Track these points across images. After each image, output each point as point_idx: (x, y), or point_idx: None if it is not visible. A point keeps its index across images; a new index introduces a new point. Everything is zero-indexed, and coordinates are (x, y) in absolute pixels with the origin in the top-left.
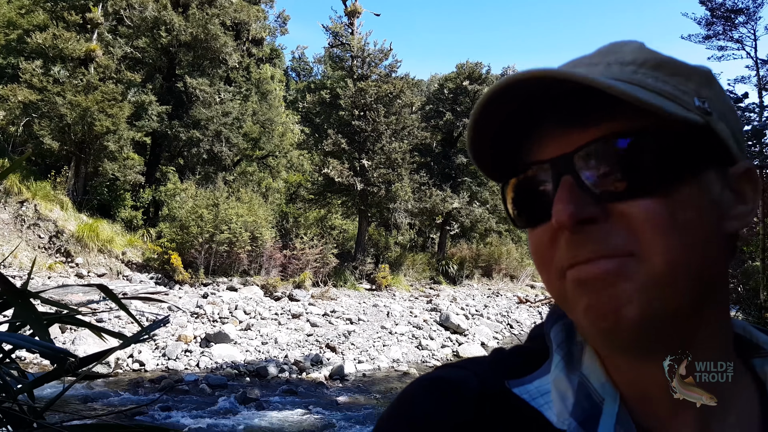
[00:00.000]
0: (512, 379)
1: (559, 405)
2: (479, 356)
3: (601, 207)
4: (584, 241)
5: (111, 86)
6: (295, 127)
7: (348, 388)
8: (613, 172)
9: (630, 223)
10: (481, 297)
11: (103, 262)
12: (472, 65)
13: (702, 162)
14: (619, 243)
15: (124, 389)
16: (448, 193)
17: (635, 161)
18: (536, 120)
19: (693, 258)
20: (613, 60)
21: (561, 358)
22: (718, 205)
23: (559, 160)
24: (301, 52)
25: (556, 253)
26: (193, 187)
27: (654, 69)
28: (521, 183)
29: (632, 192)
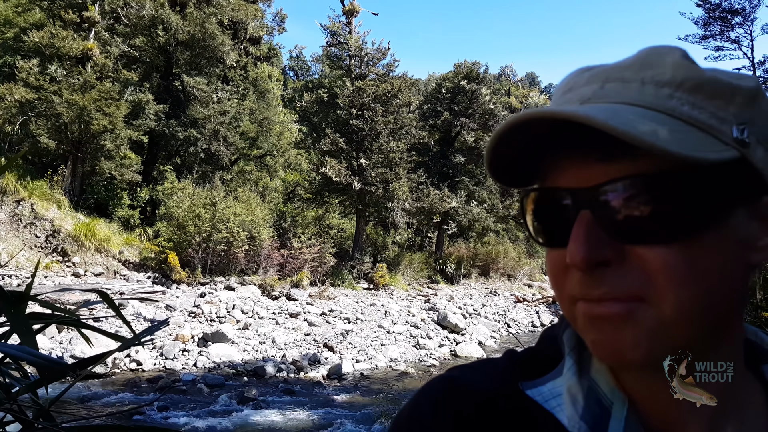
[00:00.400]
0: (526, 381)
1: (570, 408)
2: (492, 358)
3: (616, 248)
4: (597, 281)
5: (108, 85)
6: (292, 126)
7: (346, 388)
8: (633, 213)
9: (644, 269)
10: (478, 296)
11: (100, 262)
12: (470, 65)
13: (732, 202)
14: (632, 287)
15: (122, 389)
16: (445, 193)
17: (657, 205)
18: (557, 142)
19: (708, 303)
20: (649, 78)
21: (573, 362)
22: (744, 241)
23: (579, 193)
24: (298, 51)
25: (568, 279)
26: (191, 186)
27: (692, 92)
28: (541, 201)
29: (651, 237)
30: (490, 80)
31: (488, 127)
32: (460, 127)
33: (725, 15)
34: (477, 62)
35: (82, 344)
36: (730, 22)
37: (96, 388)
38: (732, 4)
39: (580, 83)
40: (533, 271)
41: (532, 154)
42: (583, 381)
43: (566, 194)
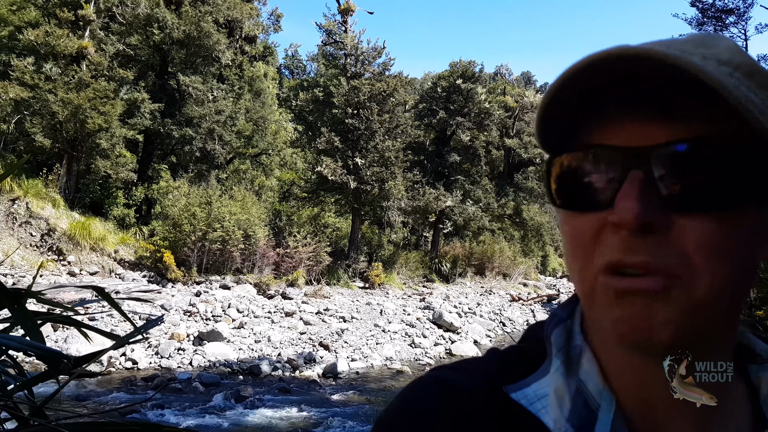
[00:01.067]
0: (510, 384)
1: (556, 410)
2: (475, 357)
3: (664, 214)
4: (638, 247)
5: (103, 83)
6: (288, 125)
7: (341, 386)
8: (689, 178)
9: (685, 242)
10: (474, 295)
11: (95, 260)
12: (466, 64)
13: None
14: (670, 260)
15: (117, 388)
16: (441, 192)
17: (715, 172)
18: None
19: (735, 285)
20: (709, 54)
21: (561, 363)
22: (764, 233)
23: (633, 152)
24: (294, 50)
25: (598, 247)
26: (186, 185)
27: (747, 76)
28: (576, 162)
29: (702, 205)
30: (485, 79)
31: (484, 126)
32: (455, 126)
33: (719, 15)
34: (472, 61)
35: (78, 343)
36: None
37: (91, 386)
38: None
39: None
40: (528, 270)
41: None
42: (570, 382)
43: (616, 153)
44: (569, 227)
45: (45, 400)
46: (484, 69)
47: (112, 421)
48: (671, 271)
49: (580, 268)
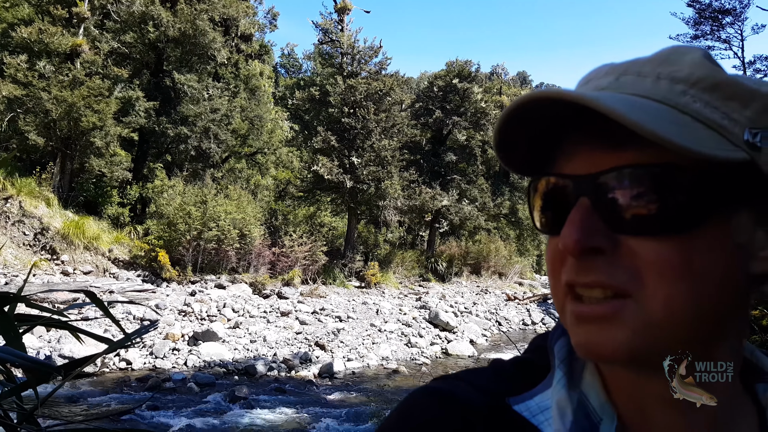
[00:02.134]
0: (513, 396)
1: (558, 422)
2: (476, 368)
3: (611, 237)
4: (588, 268)
5: (97, 81)
6: (284, 123)
7: (337, 386)
8: (631, 203)
9: (636, 262)
10: (469, 294)
11: (89, 260)
12: (462, 63)
13: (735, 203)
14: (620, 280)
15: (111, 388)
16: (437, 191)
17: (656, 197)
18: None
19: (698, 305)
20: (665, 73)
21: (563, 375)
22: (745, 246)
23: (580, 180)
24: (290, 48)
25: (562, 268)
26: (181, 183)
27: (707, 91)
28: (547, 188)
29: (647, 228)
30: (481, 79)
31: (480, 125)
32: (451, 126)
33: (716, 15)
34: (469, 61)
35: (71, 343)
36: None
37: (85, 387)
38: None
39: (599, 75)
40: (524, 269)
41: (543, 142)
42: (572, 395)
43: (569, 181)
44: (548, 249)
45: (33, 408)
46: (481, 68)
47: (102, 426)
48: (621, 287)
49: (554, 288)
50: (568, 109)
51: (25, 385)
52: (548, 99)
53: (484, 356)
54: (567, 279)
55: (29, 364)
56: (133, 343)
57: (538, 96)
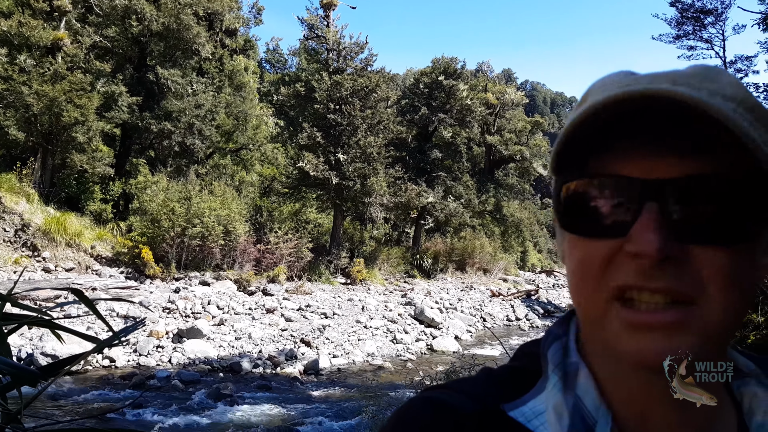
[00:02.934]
0: (507, 402)
1: (555, 426)
2: (467, 377)
3: (679, 245)
4: (658, 273)
5: (79, 76)
6: (269, 119)
7: (323, 383)
8: (702, 212)
9: (701, 270)
10: (455, 290)
11: (71, 256)
12: (448, 60)
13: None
14: (687, 287)
15: (94, 386)
16: (423, 188)
17: (728, 207)
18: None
19: (742, 310)
20: (714, 90)
21: (558, 379)
22: (760, 258)
23: (649, 184)
24: (275, 43)
25: (609, 272)
26: (165, 180)
27: (749, 111)
28: (588, 190)
29: (716, 238)
30: (467, 76)
31: (465, 122)
32: (437, 123)
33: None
34: (455, 58)
35: (53, 341)
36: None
37: (68, 385)
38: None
39: (642, 81)
40: (508, 265)
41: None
42: (568, 398)
43: (632, 184)
44: (578, 252)
45: (18, 409)
46: (466, 66)
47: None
48: (689, 296)
49: (590, 292)
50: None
51: (7, 387)
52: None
53: (469, 352)
54: (629, 282)
55: (12, 370)
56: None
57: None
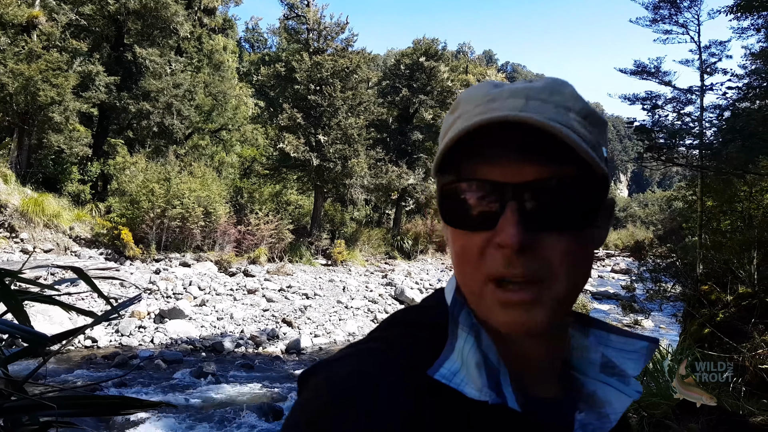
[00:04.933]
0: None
1: (478, 380)
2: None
3: (533, 235)
4: (516, 262)
5: (55, 55)
6: (248, 100)
7: (304, 362)
8: (548, 207)
9: (549, 254)
10: (435, 271)
11: (49, 238)
12: (429, 41)
13: (602, 203)
14: (539, 270)
15: (77, 365)
16: (403, 170)
17: (568, 202)
18: (485, 141)
19: (582, 280)
20: (559, 102)
21: (474, 339)
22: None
23: (510, 187)
24: (254, 23)
25: (483, 259)
26: (144, 160)
27: (585, 118)
28: (464, 190)
29: (562, 226)
30: (448, 57)
31: (446, 104)
32: (418, 104)
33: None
34: (436, 39)
35: (35, 321)
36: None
37: (50, 365)
38: None
39: (503, 96)
40: None
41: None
42: (481, 355)
43: (497, 187)
44: (459, 241)
45: (26, 378)
46: (447, 47)
47: (94, 394)
48: (540, 277)
49: (469, 275)
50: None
51: (18, 355)
52: (505, 121)
53: None
54: (496, 272)
55: (26, 334)
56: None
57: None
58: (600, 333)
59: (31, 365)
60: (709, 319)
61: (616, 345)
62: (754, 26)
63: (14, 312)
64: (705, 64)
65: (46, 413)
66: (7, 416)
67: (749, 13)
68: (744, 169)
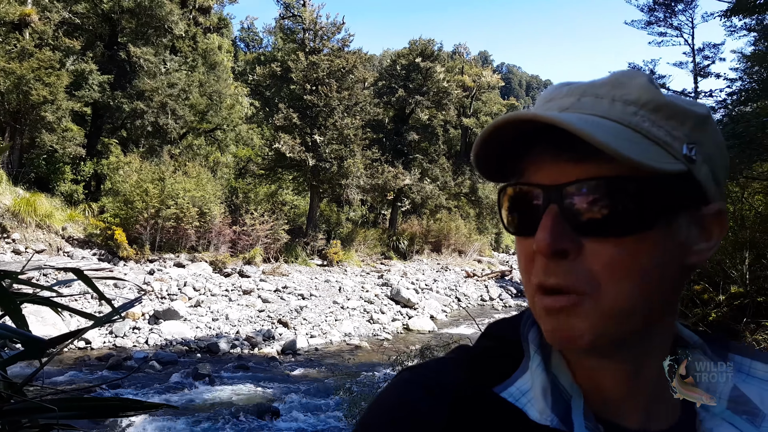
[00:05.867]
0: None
1: (541, 402)
2: (444, 357)
3: (575, 240)
4: (554, 270)
5: (48, 53)
6: (244, 100)
7: (300, 362)
8: (592, 209)
9: (593, 264)
10: (430, 272)
11: (41, 238)
12: (425, 42)
13: (676, 208)
14: (578, 281)
15: (70, 367)
16: (399, 170)
17: (613, 204)
18: (534, 142)
19: (645, 297)
20: (618, 96)
21: (541, 360)
22: (682, 244)
23: (550, 189)
24: (250, 22)
25: (533, 267)
26: (138, 160)
27: (653, 111)
28: (516, 194)
29: (605, 231)
30: (444, 58)
31: (442, 105)
32: (414, 105)
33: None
34: (431, 40)
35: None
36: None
37: (45, 367)
38: None
39: (560, 95)
40: (483, 247)
41: (514, 153)
42: (548, 377)
43: (538, 189)
44: (518, 249)
45: (25, 380)
46: (443, 48)
47: (94, 396)
48: (580, 288)
49: (526, 284)
50: (538, 125)
51: (15, 358)
52: (528, 119)
53: (444, 331)
54: (535, 281)
55: (24, 338)
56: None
57: (516, 117)
58: (742, 360)
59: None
60: (702, 318)
61: (760, 374)
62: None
63: (12, 315)
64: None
65: (45, 416)
66: (7, 419)
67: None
68: (738, 172)
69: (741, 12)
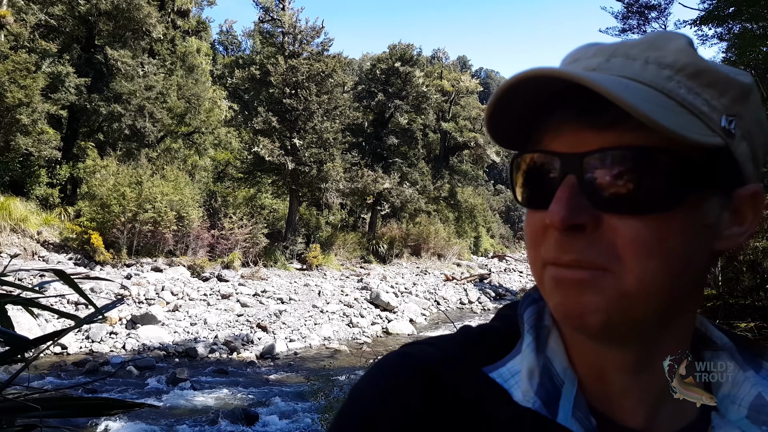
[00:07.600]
0: (485, 363)
1: (526, 384)
2: (445, 334)
3: (593, 214)
4: (569, 245)
5: (23, 55)
6: (222, 103)
7: (279, 366)
8: (615, 182)
9: (615, 239)
10: (410, 275)
11: (16, 242)
12: (404, 47)
13: (709, 187)
14: (599, 257)
15: (46, 373)
16: (379, 174)
17: (639, 177)
18: (553, 106)
19: (669, 280)
20: (653, 58)
21: (533, 339)
22: (712, 227)
23: (568, 158)
24: (229, 25)
25: (544, 242)
26: (114, 163)
27: (691, 77)
28: (530, 163)
29: (627, 207)
30: (423, 63)
31: (421, 109)
32: (393, 109)
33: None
34: (411, 44)
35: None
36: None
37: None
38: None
39: (588, 55)
40: (462, 250)
41: (531, 118)
42: (539, 358)
43: (556, 158)
44: (527, 222)
45: (8, 380)
46: (422, 52)
47: (79, 395)
48: (600, 264)
49: (533, 260)
50: (558, 87)
51: (7, 354)
52: (548, 76)
53: (423, 334)
54: (548, 257)
55: (7, 337)
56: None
57: (538, 73)
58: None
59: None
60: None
61: None
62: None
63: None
64: None
65: (28, 415)
66: None
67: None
68: None
69: (712, 21)
